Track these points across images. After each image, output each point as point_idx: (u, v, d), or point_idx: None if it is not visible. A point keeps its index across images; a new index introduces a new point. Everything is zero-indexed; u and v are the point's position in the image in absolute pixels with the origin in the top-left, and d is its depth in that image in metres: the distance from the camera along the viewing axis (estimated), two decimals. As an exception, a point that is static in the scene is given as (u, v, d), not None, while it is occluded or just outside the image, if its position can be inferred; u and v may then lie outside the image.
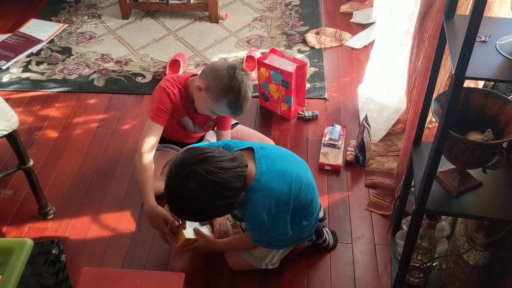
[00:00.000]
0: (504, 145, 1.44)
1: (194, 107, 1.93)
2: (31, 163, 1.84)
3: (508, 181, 1.47)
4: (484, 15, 1.03)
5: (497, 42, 1.21)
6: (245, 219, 1.63)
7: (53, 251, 1.39)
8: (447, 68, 1.80)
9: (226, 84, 1.75)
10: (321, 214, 1.84)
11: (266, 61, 2.34)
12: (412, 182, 1.66)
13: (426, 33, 1.85)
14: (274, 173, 1.53)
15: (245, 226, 1.70)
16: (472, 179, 1.46)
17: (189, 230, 1.72)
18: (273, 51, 2.42)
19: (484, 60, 1.16)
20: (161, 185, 1.98)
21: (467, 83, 1.60)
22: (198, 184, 1.37)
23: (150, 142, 1.83)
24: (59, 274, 1.42)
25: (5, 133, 1.69)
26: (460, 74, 1.10)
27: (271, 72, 2.32)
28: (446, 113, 1.18)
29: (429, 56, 1.80)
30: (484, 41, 1.21)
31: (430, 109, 1.60)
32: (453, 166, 1.45)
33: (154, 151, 1.84)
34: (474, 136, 1.36)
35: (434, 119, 1.90)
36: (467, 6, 1.64)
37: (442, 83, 1.83)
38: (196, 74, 1.96)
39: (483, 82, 1.60)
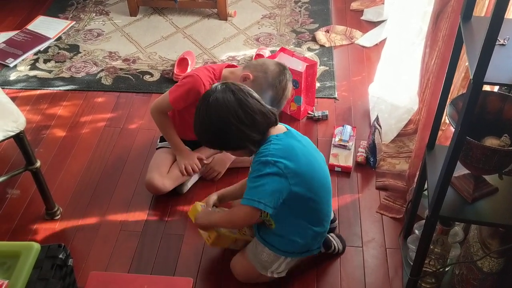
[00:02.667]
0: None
1: None
2: (38, 164, 1.82)
3: (525, 187, 1.44)
4: (503, 17, 0.99)
5: (516, 45, 1.17)
6: (254, 159, 1.56)
7: (60, 256, 1.37)
8: (461, 69, 1.76)
9: (275, 78, 1.84)
10: (331, 215, 1.82)
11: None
12: (425, 186, 1.63)
13: (440, 33, 1.81)
14: (302, 144, 1.57)
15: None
16: (488, 184, 1.42)
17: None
18: (282, 50, 2.39)
19: (503, 64, 1.13)
20: (167, 183, 1.98)
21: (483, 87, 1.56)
22: (225, 95, 1.49)
23: (161, 108, 2.00)
24: (66, 278, 1.40)
25: (12, 134, 1.68)
26: (478, 79, 1.07)
27: (281, 71, 2.28)
28: (463, 119, 1.14)
29: (442, 56, 1.76)
30: (503, 44, 1.18)
31: (444, 111, 1.57)
32: (468, 171, 1.42)
33: (165, 115, 2.02)
34: (491, 142, 1.33)
35: (447, 121, 1.86)
36: (482, 6, 1.60)
37: (456, 84, 1.79)
38: (232, 65, 2.05)
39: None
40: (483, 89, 1.45)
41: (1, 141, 1.67)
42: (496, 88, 1.57)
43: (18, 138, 1.71)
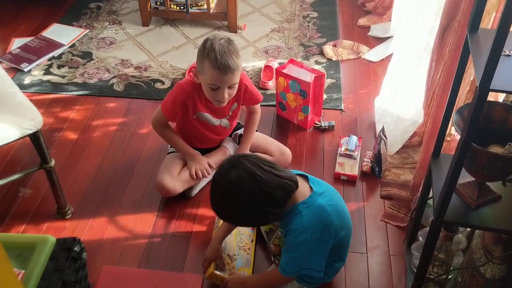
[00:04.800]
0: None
1: None
2: (52, 162, 1.87)
3: (528, 195, 1.48)
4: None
5: (521, 56, 1.23)
6: (286, 235, 1.57)
7: (75, 248, 1.41)
8: (466, 81, 1.81)
9: (201, 50, 1.83)
10: None
11: (284, 71, 2.37)
12: (430, 194, 1.68)
13: (446, 47, 1.87)
14: (327, 199, 1.55)
15: (281, 250, 1.65)
16: (491, 192, 1.47)
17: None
18: (291, 61, 2.45)
19: (509, 73, 1.18)
20: (177, 185, 2.03)
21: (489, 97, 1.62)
22: (238, 175, 1.42)
23: (159, 122, 2.05)
24: (79, 271, 1.44)
25: (30, 132, 1.72)
26: (485, 86, 1.12)
27: (289, 81, 2.34)
28: (469, 124, 1.19)
29: (449, 69, 1.82)
30: (508, 55, 1.23)
31: (450, 122, 1.63)
32: (472, 179, 1.47)
33: (166, 127, 2.06)
34: (495, 149, 1.38)
35: (453, 132, 1.92)
36: (488, 20, 1.66)
37: (461, 96, 1.84)
38: None
39: (503, 96, 1.61)
40: (489, 99, 1.50)
41: (18, 139, 1.72)
42: (500, 99, 1.62)
43: (35, 136, 1.76)
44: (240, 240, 1.87)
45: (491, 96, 1.63)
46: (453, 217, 1.43)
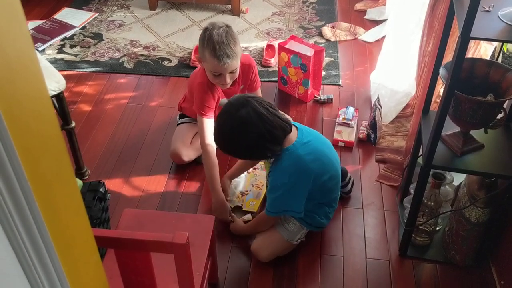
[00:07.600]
0: (506, 106, 1.59)
1: None
2: (73, 124, 2.02)
3: (507, 143, 1.64)
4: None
5: (499, 12, 1.39)
6: (269, 176, 1.76)
7: (100, 189, 1.56)
8: (451, 47, 1.97)
9: (201, 39, 1.92)
10: (348, 188, 2.09)
11: (286, 46, 2.53)
12: (421, 151, 1.83)
13: (435, 19, 2.03)
14: (310, 149, 1.71)
15: (266, 192, 1.85)
16: (475, 141, 1.63)
17: None
18: (292, 37, 2.61)
19: (487, 25, 1.34)
20: (190, 153, 2.19)
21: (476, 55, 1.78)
22: (248, 114, 1.57)
23: (208, 136, 1.99)
24: (103, 213, 1.59)
25: (54, 93, 1.88)
26: (465, 34, 1.28)
27: (291, 56, 2.50)
28: (453, 69, 1.35)
29: (438, 37, 1.97)
30: (488, 11, 1.39)
31: (437, 82, 1.78)
32: (458, 129, 1.62)
33: (214, 144, 1.95)
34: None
35: (441, 94, 2.07)
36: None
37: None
38: None
39: (490, 54, 1.77)
40: (473, 57, 1.66)
41: (44, 99, 1.87)
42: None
43: (59, 98, 1.92)
44: (254, 180, 2.06)
45: (479, 55, 1.80)
46: (440, 162, 1.59)
